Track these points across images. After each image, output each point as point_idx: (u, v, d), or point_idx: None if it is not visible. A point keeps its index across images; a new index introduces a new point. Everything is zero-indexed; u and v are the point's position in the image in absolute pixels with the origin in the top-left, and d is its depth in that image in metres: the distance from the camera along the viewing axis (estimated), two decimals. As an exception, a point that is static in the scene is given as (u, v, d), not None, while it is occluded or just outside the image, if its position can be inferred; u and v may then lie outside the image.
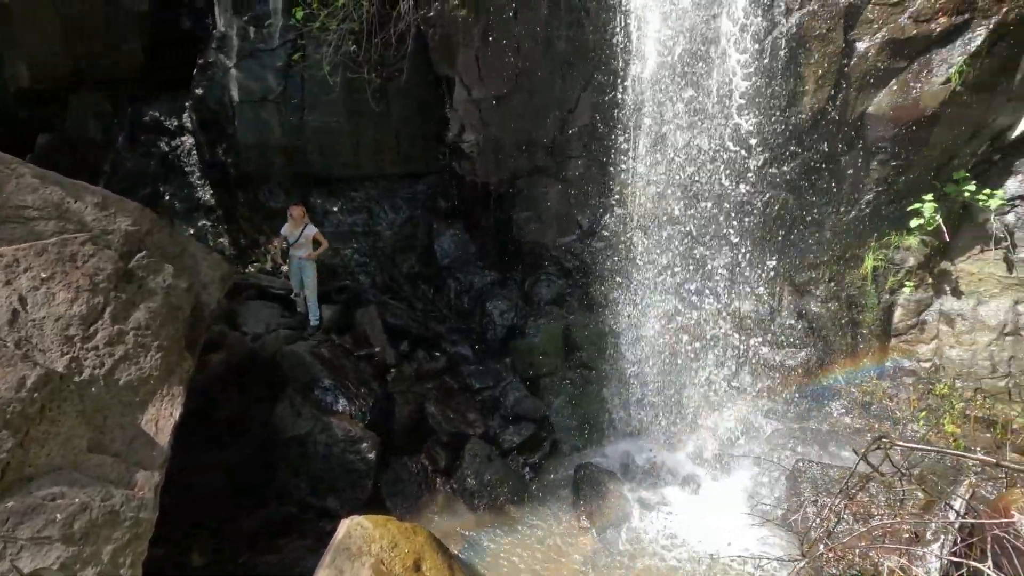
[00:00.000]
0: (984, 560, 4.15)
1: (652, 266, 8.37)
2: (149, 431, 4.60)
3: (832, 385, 8.17)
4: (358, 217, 10.05)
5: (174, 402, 4.93)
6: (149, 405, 4.72)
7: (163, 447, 4.59)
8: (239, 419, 7.23)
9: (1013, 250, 7.43)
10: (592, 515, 6.78)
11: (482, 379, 8.49)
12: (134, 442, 4.47)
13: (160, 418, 4.75)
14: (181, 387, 5.09)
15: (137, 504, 4.19)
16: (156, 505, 4.31)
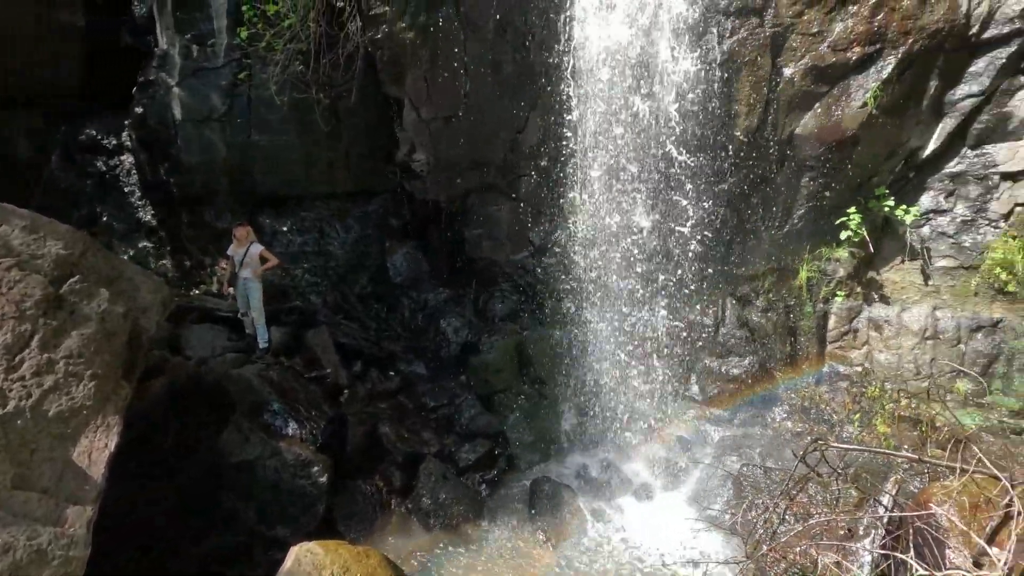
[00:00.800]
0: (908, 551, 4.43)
1: (602, 281, 8.60)
2: (81, 464, 4.39)
3: (774, 391, 8.55)
4: (309, 237, 9.91)
5: (109, 432, 4.73)
6: (81, 436, 4.51)
7: (97, 480, 4.39)
8: (183, 446, 6.94)
9: (929, 261, 8.03)
10: (548, 529, 6.83)
11: (437, 397, 8.46)
12: (64, 476, 4.25)
13: (94, 450, 4.54)
14: (117, 416, 4.88)
15: (67, 542, 3.99)
16: (88, 541, 4.11)
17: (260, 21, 8.17)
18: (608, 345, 8.61)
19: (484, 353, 8.63)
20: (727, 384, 8.46)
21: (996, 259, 7.45)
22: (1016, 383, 7.50)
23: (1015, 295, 7.45)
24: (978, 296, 7.75)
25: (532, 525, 6.97)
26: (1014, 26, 6.81)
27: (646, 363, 8.54)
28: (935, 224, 7.89)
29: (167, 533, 6.21)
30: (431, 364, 9.02)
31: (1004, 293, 7.53)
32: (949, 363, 7.79)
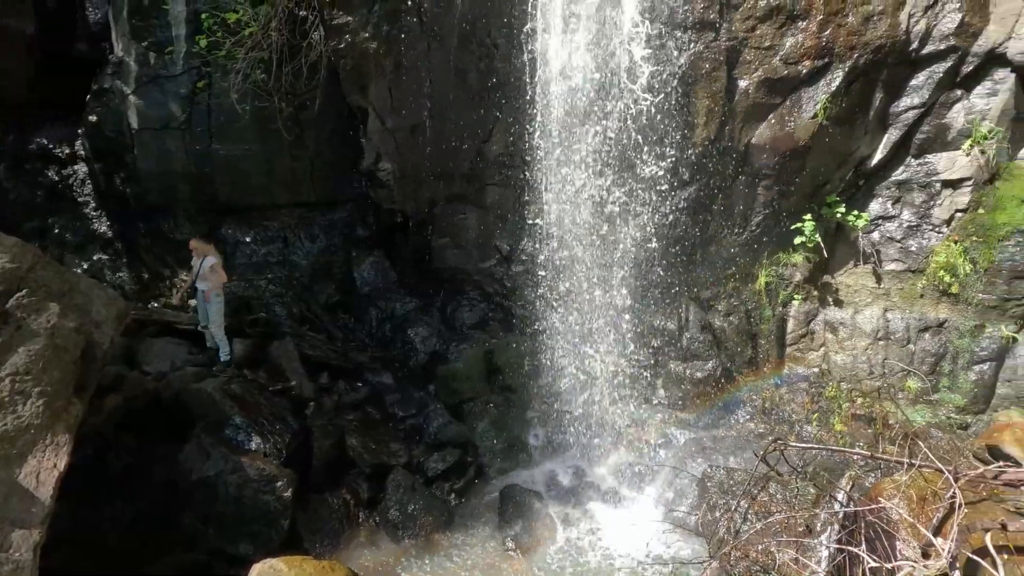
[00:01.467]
0: (860, 545, 4.60)
1: (569, 288, 8.69)
2: (28, 485, 4.23)
3: (737, 394, 8.76)
4: (273, 247, 9.76)
5: (59, 451, 4.57)
6: (29, 457, 4.34)
7: (44, 502, 4.23)
8: (141, 464, 6.74)
9: (879, 264, 8.39)
10: (518, 537, 6.83)
11: (405, 407, 8.40)
12: (9, 499, 4.09)
13: (42, 470, 4.38)
14: (68, 435, 4.72)
15: (11, 567, 3.82)
16: (35, 566, 3.95)
17: (220, 30, 8.06)
18: (575, 352, 8.70)
19: (452, 362, 8.62)
20: (692, 388, 8.64)
21: (940, 262, 7.82)
22: (961, 380, 7.87)
23: (958, 296, 7.83)
24: (924, 298, 8.12)
25: (502, 534, 6.97)
26: (949, 43, 7.21)
27: (613, 369, 8.65)
28: (884, 229, 8.25)
29: (125, 553, 6.01)
30: (399, 374, 8.96)
31: (948, 295, 7.91)
32: (899, 363, 8.12)
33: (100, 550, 5.96)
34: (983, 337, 7.71)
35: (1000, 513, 5.25)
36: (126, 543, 6.12)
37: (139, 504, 6.42)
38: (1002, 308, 7.56)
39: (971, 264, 7.63)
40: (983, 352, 7.72)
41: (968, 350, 7.80)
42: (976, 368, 7.79)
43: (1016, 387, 7.67)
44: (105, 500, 6.31)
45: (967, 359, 7.83)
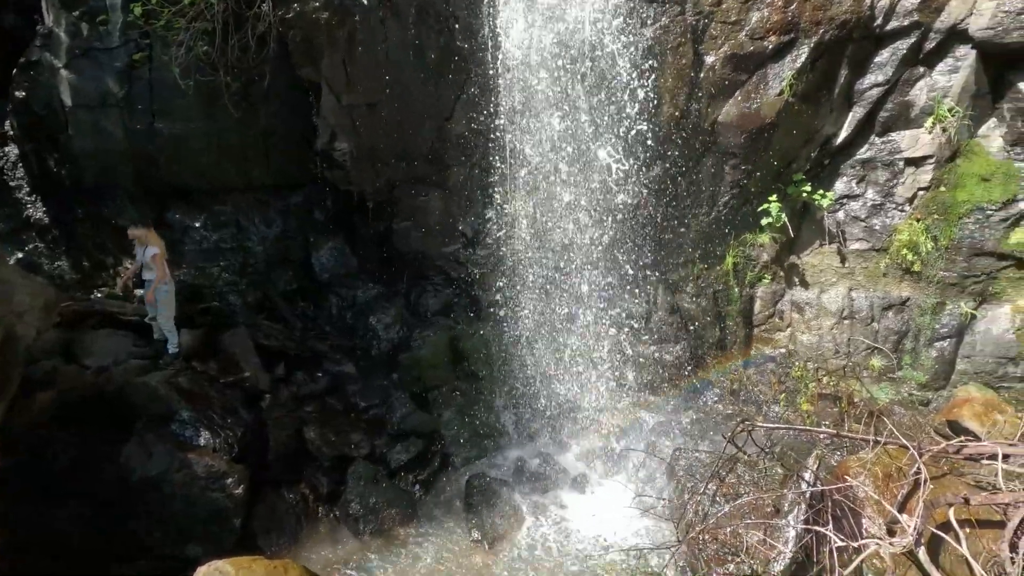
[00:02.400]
0: (827, 524, 4.53)
1: (535, 272, 8.47)
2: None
3: (705, 376, 8.72)
4: (225, 232, 9.26)
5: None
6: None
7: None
8: (81, 465, 6.28)
9: (844, 244, 8.39)
10: (484, 527, 6.64)
11: (367, 397, 8.09)
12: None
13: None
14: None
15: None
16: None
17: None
18: (543, 337, 8.51)
19: (416, 349, 8.33)
20: (660, 371, 8.55)
21: (902, 241, 7.85)
22: (922, 357, 7.96)
23: (920, 274, 7.89)
24: (888, 276, 8.16)
25: (468, 524, 6.77)
26: (913, 18, 7.16)
27: (582, 352, 8.50)
28: (848, 209, 8.24)
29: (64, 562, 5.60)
30: (361, 363, 8.62)
31: (910, 273, 7.96)
32: (864, 341, 8.17)
33: (38, 558, 5.56)
34: (944, 314, 7.79)
35: (962, 487, 5.28)
36: (67, 550, 5.72)
37: (80, 508, 6.00)
38: (962, 285, 7.64)
39: (932, 242, 7.67)
40: (943, 329, 7.81)
41: (929, 327, 7.88)
42: (937, 345, 7.88)
43: (974, 363, 7.79)
44: (42, 505, 5.88)
45: (928, 336, 7.92)
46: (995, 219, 7.25)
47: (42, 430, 6.32)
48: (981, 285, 7.57)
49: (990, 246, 7.33)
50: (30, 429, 6.25)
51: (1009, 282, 7.46)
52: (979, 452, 5.31)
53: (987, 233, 7.33)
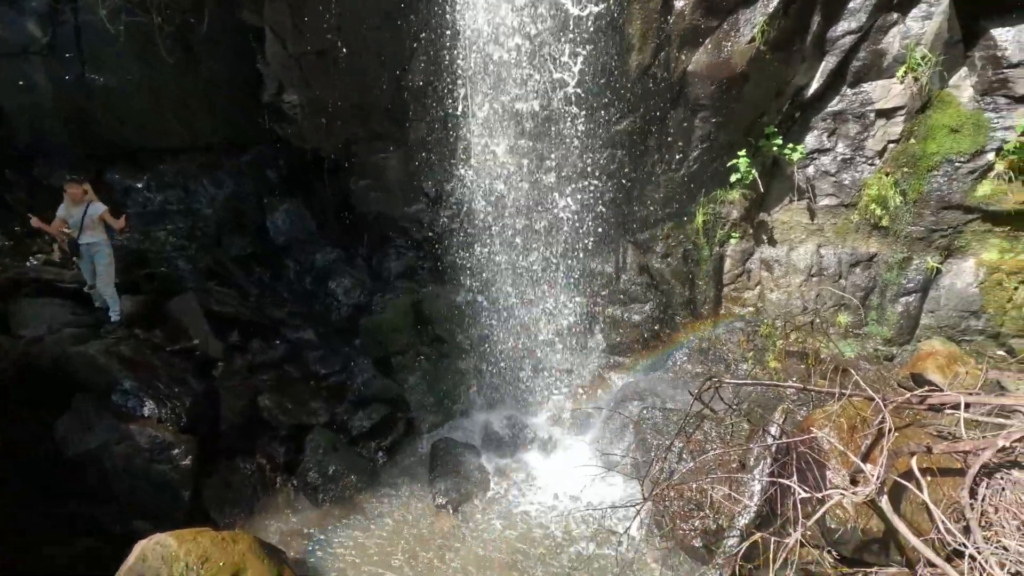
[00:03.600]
0: (792, 476, 4.45)
1: (501, 232, 8.17)
2: None
3: (674, 336, 8.62)
4: (171, 194, 8.70)
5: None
6: None
7: None
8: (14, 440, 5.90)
9: (814, 200, 8.26)
10: (449, 492, 6.49)
11: (328, 364, 7.80)
12: None
13: None
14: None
15: None
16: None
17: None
18: (509, 299, 8.27)
19: (378, 313, 8.02)
20: (629, 332, 8.41)
21: (871, 195, 7.74)
22: (888, 313, 7.96)
23: (888, 229, 7.81)
24: (857, 232, 8.08)
25: (432, 489, 6.60)
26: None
27: (549, 315, 8.30)
28: (818, 164, 8.08)
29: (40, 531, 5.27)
30: (321, 330, 8.29)
31: (878, 228, 7.89)
32: (833, 295, 8.13)
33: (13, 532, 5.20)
34: (910, 269, 7.76)
35: (924, 437, 5.26)
36: (26, 523, 5.37)
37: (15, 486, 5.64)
38: (928, 239, 7.60)
39: (901, 196, 7.58)
40: (909, 284, 7.80)
41: (895, 283, 7.86)
42: (902, 300, 7.87)
43: (938, 317, 7.82)
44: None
45: (894, 292, 7.90)
46: (963, 171, 7.16)
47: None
48: (947, 239, 7.53)
49: (957, 199, 7.27)
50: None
51: (974, 235, 7.43)
52: (942, 402, 5.29)
53: (955, 186, 7.25)
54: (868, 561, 4.89)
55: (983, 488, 4.86)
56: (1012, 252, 7.29)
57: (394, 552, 5.76)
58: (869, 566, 4.91)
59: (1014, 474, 4.93)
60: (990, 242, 7.37)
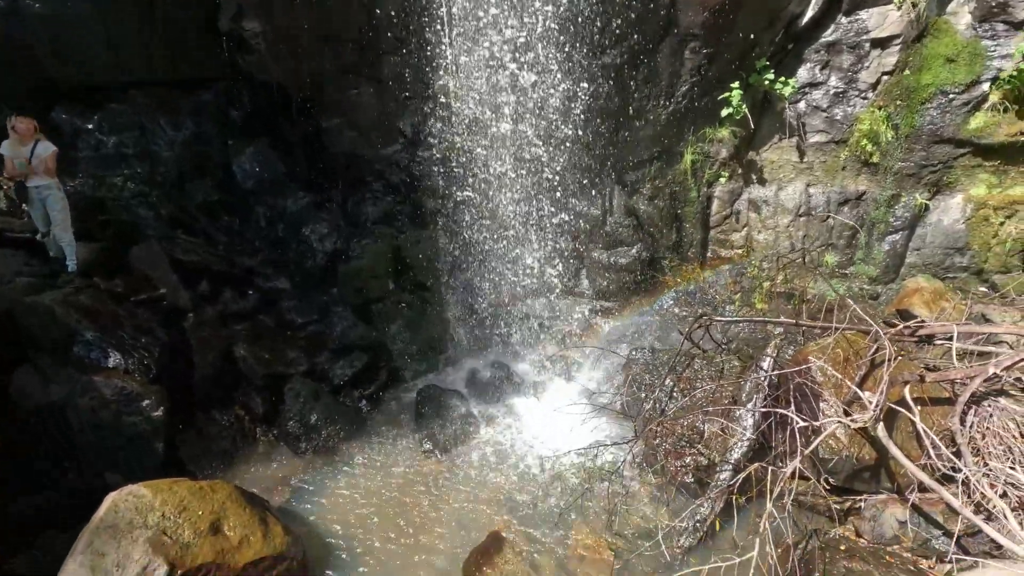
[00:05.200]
0: (788, 407, 4.37)
1: (483, 173, 7.80)
2: None
3: (661, 279, 8.48)
4: (126, 136, 8.05)
5: None
6: None
7: None
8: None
9: (804, 137, 8.04)
10: (436, 437, 6.35)
11: (304, 313, 7.48)
12: None
13: None
14: None
15: None
16: None
17: None
18: (493, 244, 7.98)
19: (355, 259, 7.66)
20: (615, 275, 8.23)
21: (863, 130, 7.55)
22: (875, 252, 7.90)
23: (878, 166, 7.67)
24: (846, 170, 7.93)
25: (419, 435, 6.46)
26: None
27: (534, 259, 8.05)
28: (810, 98, 7.83)
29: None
30: (296, 278, 7.92)
31: (868, 165, 7.74)
32: (820, 237, 8.02)
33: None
34: (898, 207, 7.66)
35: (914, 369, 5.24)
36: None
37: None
38: (918, 175, 7.48)
39: (893, 131, 7.40)
40: (897, 222, 7.72)
41: (883, 220, 7.77)
42: (889, 239, 7.81)
43: (923, 255, 7.79)
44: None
45: (882, 230, 7.82)
46: (957, 103, 6.98)
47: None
48: (936, 175, 7.42)
49: (949, 132, 7.11)
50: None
51: (964, 171, 7.32)
52: (934, 332, 5.25)
53: (948, 119, 7.08)
54: (858, 489, 4.92)
55: (971, 415, 4.88)
56: (1000, 187, 7.23)
57: (381, 497, 5.63)
58: (859, 494, 4.94)
59: (1001, 401, 4.95)
60: (979, 177, 7.28)
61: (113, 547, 3.82)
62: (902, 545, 4.67)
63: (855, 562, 4.30)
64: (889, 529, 4.69)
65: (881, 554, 4.47)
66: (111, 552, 3.80)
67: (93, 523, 3.97)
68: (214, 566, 4.05)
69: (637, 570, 4.71)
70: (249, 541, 4.34)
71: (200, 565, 4.00)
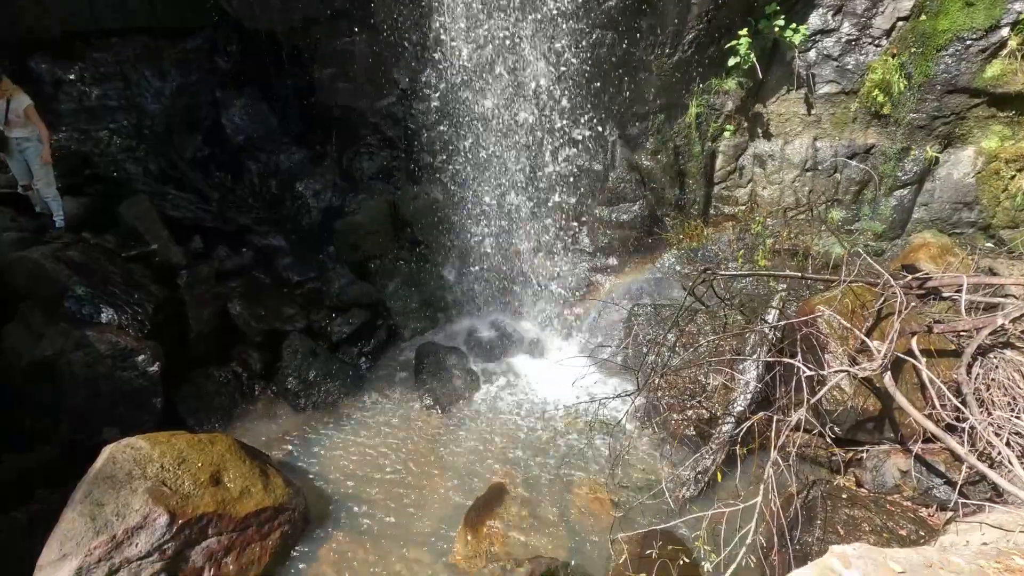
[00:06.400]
0: (796, 355, 4.30)
1: (482, 126, 7.55)
2: None
3: (663, 236, 8.33)
4: (110, 88, 7.76)
5: None
6: None
7: None
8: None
9: (813, 88, 7.78)
10: (435, 393, 6.31)
11: (301, 271, 7.34)
12: None
13: None
14: None
15: None
16: None
17: None
18: (492, 200, 7.79)
19: (351, 214, 7.49)
20: (617, 232, 8.08)
21: (875, 80, 7.30)
22: (882, 207, 7.75)
23: (888, 118, 7.44)
24: (856, 122, 7.69)
25: (419, 392, 6.42)
26: None
27: (534, 216, 7.88)
28: (821, 47, 7.53)
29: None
30: (292, 236, 7.76)
31: (879, 117, 7.51)
32: (825, 193, 7.85)
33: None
34: (907, 160, 7.47)
35: (923, 321, 5.17)
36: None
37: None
38: (930, 127, 7.26)
39: (906, 80, 7.15)
40: (905, 176, 7.54)
41: (891, 175, 7.59)
42: (897, 194, 7.65)
43: (930, 210, 7.65)
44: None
45: (889, 185, 7.65)
46: (974, 49, 6.72)
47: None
48: (949, 126, 7.21)
49: (964, 81, 6.87)
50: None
51: (976, 122, 7.11)
52: (944, 283, 5.15)
53: (963, 67, 6.83)
54: (861, 440, 4.91)
55: (977, 367, 4.84)
56: (1013, 139, 7.03)
57: (382, 451, 5.61)
58: (861, 445, 4.94)
59: (1007, 354, 4.91)
60: (992, 129, 7.07)
61: (112, 497, 3.79)
62: (902, 494, 4.69)
63: (856, 509, 4.31)
64: (890, 479, 4.70)
65: (882, 503, 4.48)
66: (110, 502, 3.76)
67: (91, 474, 3.92)
68: (215, 516, 4.03)
69: (638, 520, 4.73)
70: (250, 492, 4.32)
71: (201, 515, 3.98)
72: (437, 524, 4.82)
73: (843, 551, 2.06)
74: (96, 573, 3.53)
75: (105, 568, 3.57)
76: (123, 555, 3.65)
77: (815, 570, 1.98)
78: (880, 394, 4.70)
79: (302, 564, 4.43)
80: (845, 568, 1.96)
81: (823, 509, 4.31)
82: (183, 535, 3.87)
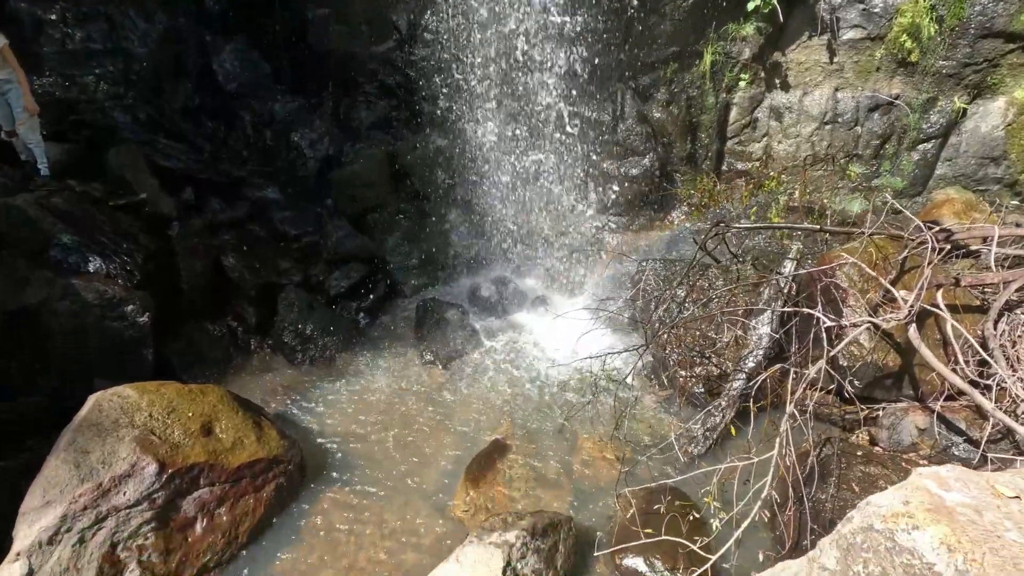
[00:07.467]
0: (814, 306, 4.07)
1: (485, 72, 7.18)
2: None
3: (673, 191, 8.02)
4: (92, 29, 7.38)
5: None
6: None
7: None
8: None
9: (837, 33, 7.33)
10: (437, 348, 6.13)
11: (298, 225, 7.09)
12: None
13: None
14: None
15: None
16: None
17: None
18: (496, 152, 7.47)
19: (348, 164, 7.19)
20: (626, 186, 7.76)
21: (903, 24, 6.85)
22: (904, 162, 7.40)
23: (915, 66, 7.03)
24: (880, 71, 7.27)
25: (420, 347, 6.24)
26: None
27: (539, 169, 7.56)
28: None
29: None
30: (287, 188, 7.49)
31: (905, 65, 7.08)
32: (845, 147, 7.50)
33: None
34: (933, 112, 7.09)
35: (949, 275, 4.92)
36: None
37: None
38: (959, 76, 6.86)
39: (937, 24, 6.71)
40: (930, 129, 7.17)
41: (916, 127, 7.21)
42: (920, 148, 7.29)
43: (955, 166, 7.30)
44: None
45: (913, 138, 7.28)
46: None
47: None
48: (980, 75, 6.80)
49: (1000, 24, 6.44)
50: None
51: (1010, 70, 6.70)
52: (972, 236, 4.88)
53: (1000, 8, 6.39)
54: (878, 397, 4.72)
55: (1003, 323, 4.61)
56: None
57: (381, 406, 5.47)
58: (877, 402, 4.75)
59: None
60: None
61: (98, 444, 3.64)
62: (919, 453, 4.52)
63: (872, 467, 4.15)
64: (908, 437, 4.52)
65: (898, 460, 4.32)
66: (95, 450, 3.61)
67: (75, 422, 3.77)
68: (207, 466, 3.90)
69: (645, 476, 4.59)
70: (243, 443, 4.17)
71: (192, 464, 3.84)
72: (437, 478, 4.70)
73: (934, 471, 1.86)
74: (82, 520, 3.41)
75: (92, 516, 3.45)
76: (110, 503, 3.52)
77: (904, 492, 1.76)
78: (900, 349, 4.49)
79: (299, 517, 4.32)
80: (944, 490, 1.75)
81: (837, 466, 4.15)
82: (173, 484, 3.74)
